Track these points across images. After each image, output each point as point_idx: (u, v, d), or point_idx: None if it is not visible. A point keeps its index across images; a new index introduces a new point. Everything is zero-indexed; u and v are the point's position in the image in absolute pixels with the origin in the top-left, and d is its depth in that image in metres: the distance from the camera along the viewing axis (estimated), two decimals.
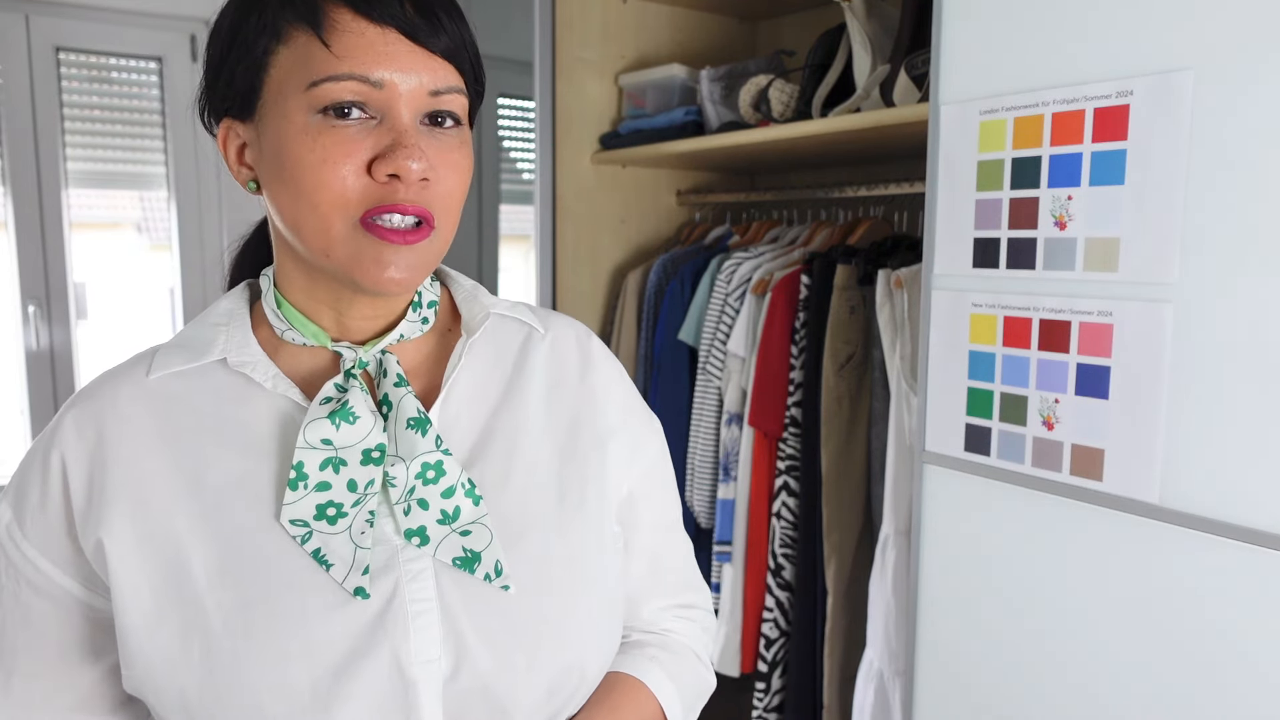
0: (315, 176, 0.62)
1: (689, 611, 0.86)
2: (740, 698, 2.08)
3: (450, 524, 0.68)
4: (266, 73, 0.64)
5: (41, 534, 0.68)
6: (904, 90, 1.49)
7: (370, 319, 0.72)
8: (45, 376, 2.44)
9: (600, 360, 0.82)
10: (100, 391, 0.70)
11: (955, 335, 1.27)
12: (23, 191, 2.36)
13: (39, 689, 0.70)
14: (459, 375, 0.74)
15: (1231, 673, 1.03)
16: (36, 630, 0.69)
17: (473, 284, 0.80)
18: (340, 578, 0.64)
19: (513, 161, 3.27)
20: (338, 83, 0.61)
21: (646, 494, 0.81)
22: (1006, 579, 1.24)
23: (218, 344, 0.70)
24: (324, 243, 0.64)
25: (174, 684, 0.63)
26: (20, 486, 0.69)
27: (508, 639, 0.67)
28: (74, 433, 0.68)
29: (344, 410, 0.66)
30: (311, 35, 0.62)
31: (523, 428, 0.75)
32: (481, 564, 0.67)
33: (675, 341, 2.03)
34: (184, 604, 0.64)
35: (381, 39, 0.62)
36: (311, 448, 0.66)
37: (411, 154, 0.62)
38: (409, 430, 0.68)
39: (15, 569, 0.69)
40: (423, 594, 0.66)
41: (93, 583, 0.68)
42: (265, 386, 0.69)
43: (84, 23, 2.39)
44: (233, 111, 0.67)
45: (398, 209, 0.63)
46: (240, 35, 0.65)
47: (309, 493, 0.66)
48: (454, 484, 0.68)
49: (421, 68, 0.63)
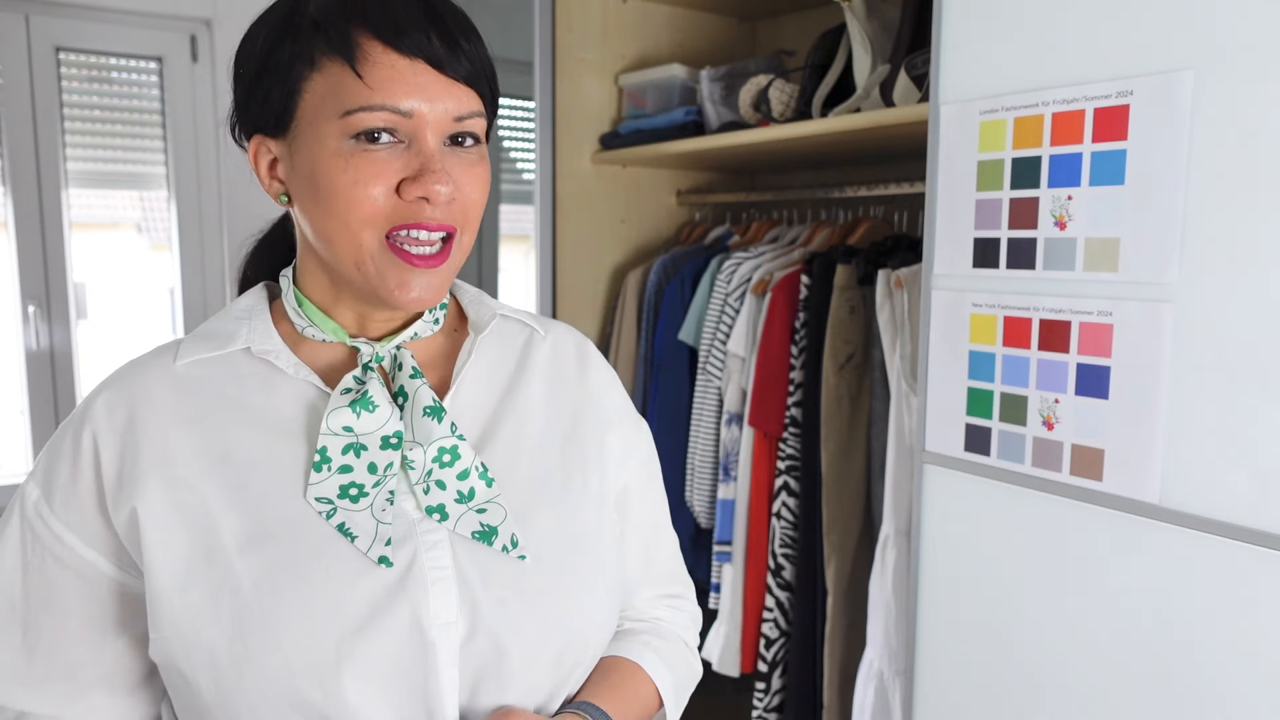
0: (348, 196, 0.67)
1: (677, 602, 0.92)
2: (740, 698, 2.09)
3: (466, 503, 0.73)
4: (300, 97, 0.68)
5: (71, 510, 0.71)
6: (904, 90, 1.49)
7: (388, 320, 0.77)
8: (45, 376, 2.44)
9: (596, 363, 0.88)
10: (130, 376, 0.74)
11: (955, 335, 1.27)
12: (23, 191, 2.35)
13: (61, 664, 0.72)
14: (468, 369, 0.79)
15: (1231, 672, 1.03)
16: (60, 606, 0.72)
17: (477, 291, 0.85)
18: (365, 548, 0.69)
19: (513, 161, 3.26)
20: (371, 112, 0.66)
21: (639, 489, 0.87)
22: (1006, 579, 1.24)
23: (241, 335, 0.75)
24: (356, 257, 0.69)
25: (202, 644, 0.66)
26: (49, 465, 0.72)
27: (520, 605, 0.71)
28: (105, 413, 0.71)
29: (364, 399, 0.71)
30: (345, 66, 0.66)
31: (528, 416, 0.80)
32: (499, 537, 0.72)
33: (675, 341, 2.03)
34: (214, 567, 0.67)
35: (411, 70, 0.67)
36: (334, 434, 0.70)
37: (439, 178, 0.67)
38: (425, 418, 0.73)
39: (42, 545, 0.71)
40: (440, 561, 0.70)
41: (120, 558, 0.71)
42: (288, 373, 0.74)
43: (84, 23, 2.39)
44: (265, 129, 0.72)
45: (425, 226, 0.68)
46: (274, 60, 0.69)
47: (332, 474, 0.70)
48: (468, 467, 0.73)
49: (447, 95, 0.68)
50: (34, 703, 0.72)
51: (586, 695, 0.76)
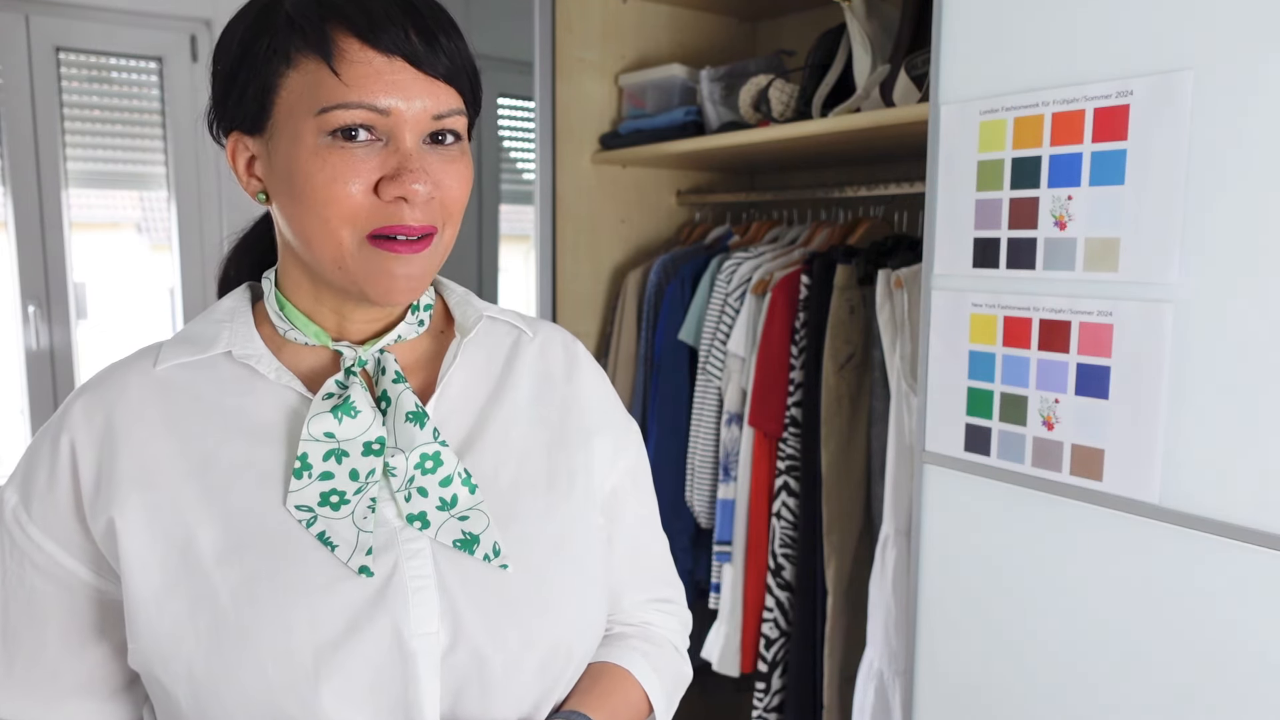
0: (325, 194, 0.66)
1: (666, 605, 0.90)
2: (740, 698, 2.08)
3: (449, 510, 0.71)
4: (277, 94, 0.67)
5: (48, 516, 0.70)
6: (904, 90, 1.49)
7: (370, 322, 0.76)
8: (45, 376, 2.44)
9: (585, 363, 0.87)
10: (109, 381, 0.72)
11: (955, 335, 1.27)
12: (23, 191, 2.35)
13: (41, 671, 0.72)
14: (453, 372, 0.77)
15: (1232, 672, 1.03)
16: (39, 613, 0.71)
17: (464, 290, 0.84)
18: (345, 557, 0.67)
19: (513, 161, 3.26)
20: (347, 110, 0.65)
21: (628, 491, 0.86)
22: (1006, 579, 1.24)
23: (222, 338, 0.74)
24: (336, 255, 0.68)
25: (180, 656, 0.65)
26: (27, 471, 0.71)
27: (502, 615, 0.70)
28: (83, 418, 0.70)
29: (346, 405, 0.70)
30: (321, 63, 0.65)
31: (513, 420, 0.79)
32: (480, 545, 0.71)
33: (675, 341, 2.03)
34: (192, 578, 0.66)
35: (388, 68, 0.65)
36: (315, 440, 0.69)
37: (417, 177, 0.66)
38: (408, 423, 0.71)
39: (20, 552, 0.70)
40: (421, 570, 0.69)
41: (99, 565, 0.70)
42: (269, 378, 0.72)
43: (84, 23, 2.39)
44: (242, 126, 0.71)
45: (404, 229, 0.67)
46: (249, 57, 0.68)
47: (313, 481, 0.69)
48: (451, 473, 0.72)
49: (425, 93, 0.67)
50: (13, 709, 0.72)
51: (575, 703, 0.75)
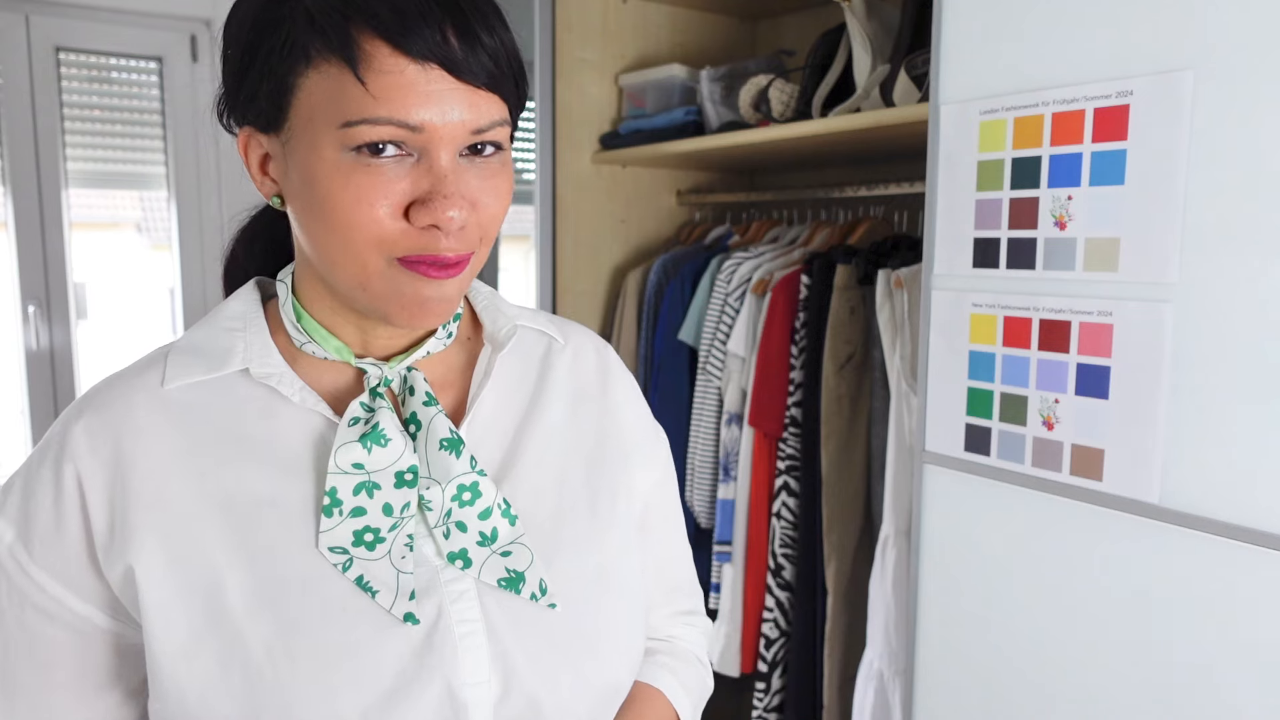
0: (349, 216, 0.58)
1: (690, 618, 0.88)
2: (740, 698, 2.08)
3: (489, 545, 0.66)
4: (294, 95, 0.59)
5: (55, 559, 0.63)
6: (904, 90, 1.49)
7: (396, 336, 0.70)
8: (45, 377, 2.44)
9: (619, 373, 0.82)
10: (113, 400, 0.65)
11: (955, 335, 1.27)
12: (23, 191, 2.35)
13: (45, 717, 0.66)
14: (486, 390, 0.72)
15: (1231, 672, 1.03)
16: (44, 658, 0.65)
17: (490, 290, 0.78)
18: (387, 604, 0.62)
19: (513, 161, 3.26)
20: (374, 126, 0.57)
21: (658, 504, 0.82)
22: (1006, 579, 1.24)
23: (236, 352, 0.67)
24: (360, 279, 0.61)
25: (211, 716, 0.60)
26: (25, 504, 0.64)
27: (554, 658, 0.66)
28: (87, 446, 0.63)
29: (375, 433, 0.64)
30: (345, 69, 0.57)
31: (550, 440, 0.74)
32: (526, 584, 0.66)
33: (675, 341, 2.03)
34: (221, 630, 0.61)
35: (423, 78, 0.57)
36: (344, 472, 0.63)
37: (452, 204, 0.58)
38: (442, 451, 0.66)
39: (20, 594, 0.64)
40: (468, 614, 0.64)
41: (115, 609, 0.64)
42: (293, 401, 0.66)
43: (84, 23, 2.39)
44: (255, 123, 0.64)
45: (439, 260, 0.60)
46: (261, 51, 0.60)
47: (345, 519, 0.63)
48: (490, 505, 0.67)
49: (464, 104, 0.59)
50: None
51: None
